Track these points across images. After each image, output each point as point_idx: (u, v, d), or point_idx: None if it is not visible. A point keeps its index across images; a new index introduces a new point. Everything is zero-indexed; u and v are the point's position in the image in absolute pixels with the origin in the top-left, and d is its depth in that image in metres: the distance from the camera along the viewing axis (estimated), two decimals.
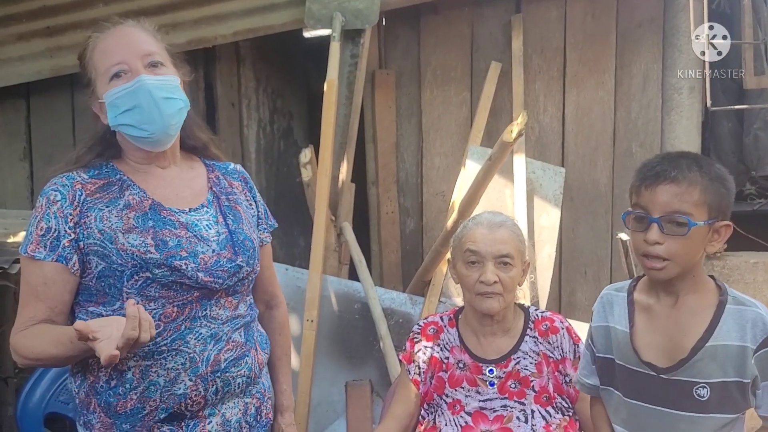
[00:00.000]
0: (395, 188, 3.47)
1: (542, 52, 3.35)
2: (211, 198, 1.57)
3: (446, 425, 1.72)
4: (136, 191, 1.49)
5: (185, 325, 1.46)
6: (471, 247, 1.75)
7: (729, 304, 1.40)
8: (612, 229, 3.38)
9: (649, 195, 1.37)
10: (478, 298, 1.73)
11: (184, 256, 1.45)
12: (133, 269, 1.42)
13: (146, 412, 1.44)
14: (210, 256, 1.48)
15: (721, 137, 3.54)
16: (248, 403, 1.57)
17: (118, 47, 1.46)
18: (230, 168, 1.68)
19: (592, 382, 1.57)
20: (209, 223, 1.53)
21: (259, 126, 3.69)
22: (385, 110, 3.40)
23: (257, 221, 1.67)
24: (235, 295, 1.54)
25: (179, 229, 1.48)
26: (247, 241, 1.56)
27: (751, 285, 3.13)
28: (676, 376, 1.40)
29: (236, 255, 1.51)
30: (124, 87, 1.44)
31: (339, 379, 2.86)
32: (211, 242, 1.50)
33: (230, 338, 1.51)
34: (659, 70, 3.31)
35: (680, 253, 1.35)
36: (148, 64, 1.46)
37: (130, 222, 1.45)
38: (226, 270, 1.49)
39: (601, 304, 1.54)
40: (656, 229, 1.35)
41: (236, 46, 3.49)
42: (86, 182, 1.48)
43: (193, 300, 1.47)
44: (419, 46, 3.41)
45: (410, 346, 1.84)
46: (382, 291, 2.95)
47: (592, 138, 3.37)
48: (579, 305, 3.43)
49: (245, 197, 1.65)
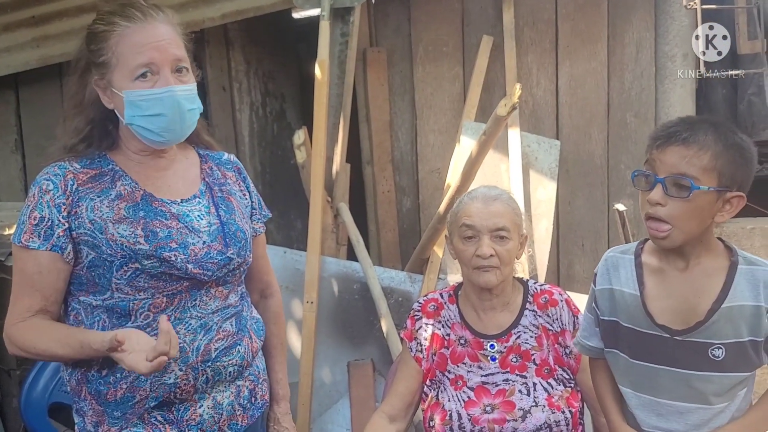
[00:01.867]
0: (390, 167, 3.45)
1: (534, 24, 3.32)
2: (203, 188, 1.56)
3: (449, 401, 1.73)
4: (127, 182, 1.49)
5: (175, 315, 1.46)
6: (466, 221, 1.75)
7: (741, 265, 1.40)
8: (608, 201, 3.38)
9: (658, 155, 1.36)
10: (476, 272, 1.73)
11: (174, 247, 1.44)
12: (123, 260, 1.42)
13: (136, 401, 1.46)
14: (200, 248, 1.48)
15: (716, 104, 3.53)
16: (240, 386, 1.58)
17: (151, 46, 1.41)
18: (224, 158, 1.66)
19: (594, 344, 1.57)
20: (201, 213, 1.52)
21: (252, 109, 3.67)
22: (377, 88, 3.38)
23: (251, 212, 1.66)
24: (225, 286, 1.54)
25: (170, 220, 1.47)
26: (239, 232, 1.55)
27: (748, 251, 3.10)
28: (691, 338, 1.41)
29: (227, 247, 1.51)
30: (152, 92, 1.41)
31: (341, 359, 2.88)
32: (202, 233, 1.49)
33: (221, 327, 1.52)
34: (652, 38, 3.28)
35: (682, 217, 1.34)
36: (176, 70, 1.44)
37: (121, 212, 1.44)
38: (216, 262, 1.49)
39: (605, 266, 1.53)
40: (659, 189, 1.34)
41: (225, 29, 3.46)
42: (78, 172, 1.47)
43: (182, 290, 1.47)
44: (410, 22, 3.38)
45: (411, 323, 1.84)
46: (380, 270, 2.95)
47: (587, 109, 3.36)
48: (577, 277, 3.44)
49: (239, 188, 1.64)
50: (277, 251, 2.98)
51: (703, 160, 1.32)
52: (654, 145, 1.38)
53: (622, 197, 3.30)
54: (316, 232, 2.85)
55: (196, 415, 1.50)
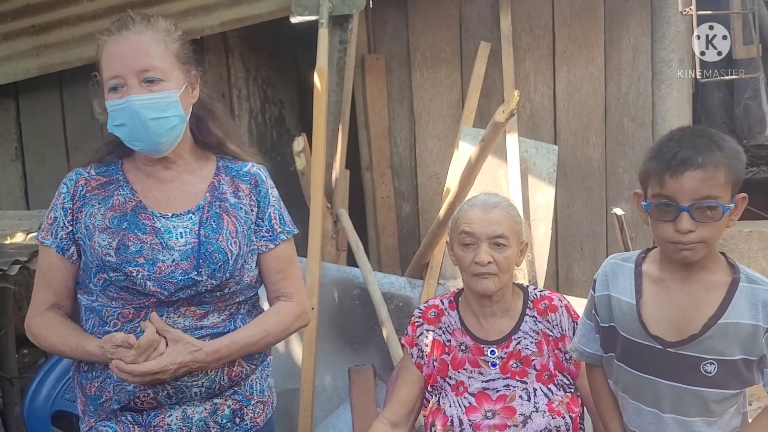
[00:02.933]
0: (389, 173, 3.47)
1: (531, 30, 3.35)
2: (203, 204, 1.55)
3: (450, 407, 1.74)
4: (125, 192, 1.53)
5: (141, 328, 1.48)
6: (465, 228, 1.76)
7: (742, 282, 1.39)
8: (606, 205, 3.40)
9: (675, 183, 1.32)
10: (474, 278, 1.75)
11: (141, 262, 1.46)
12: (96, 268, 1.49)
13: (103, 400, 1.52)
14: (168, 266, 1.47)
15: (712, 108, 3.55)
16: (218, 404, 1.56)
17: (118, 59, 1.46)
18: (243, 170, 1.62)
19: (593, 350, 1.58)
20: (184, 230, 1.51)
21: (251, 116, 3.68)
22: (376, 95, 3.40)
23: (254, 228, 1.59)
24: (201, 306, 1.51)
25: (148, 235, 1.49)
26: (217, 253, 1.50)
27: (745, 254, 3.16)
28: (683, 351, 1.41)
29: (197, 268, 1.47)
30: (116, 103, 1.46)
31: (342, 365, 2.89)
32: (175, 251, 1.48)
33: None
34: (648, 43, 3.31)
35: (713, 236, 1.35)
36: (144, 81, 1.45)
37: (107, 222, 1.50)
38: (175, 282, 1.47)
39: (605, 273, 1.54)
40: (687, 218, 1.32)
41: (224, 37, 3.47)
42: (91, 178, 1.55)
43: (149, 305, 1.48)
44: (408, 28, 3.40)
45: (412, 330, 1.86)
46: (380, 276, 2.96)
47: (584, 114, 3.38)
48: (576, 281, 3.46)
49: (248, 201, 1.59)
50: None
51: (721, 179, 1.32)
52: (667, 173, 1.33)
53: (620, 201, 3.32)
54: (317, 239, 2.86)
55: (164, 423, 1.52)
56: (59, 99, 3.48)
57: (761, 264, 3.14)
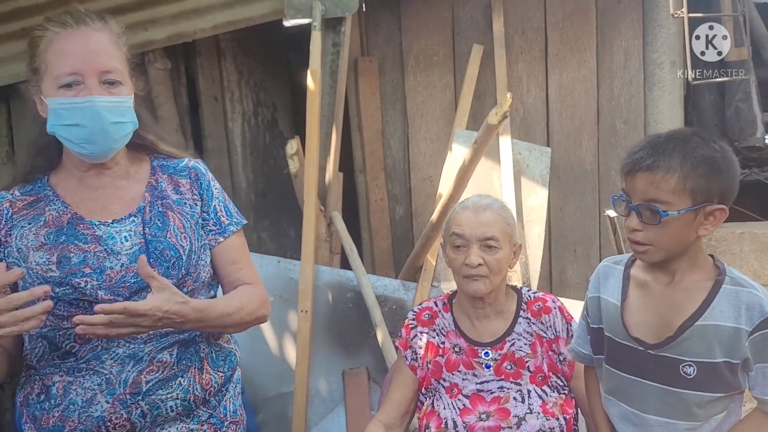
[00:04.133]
0: (383, 175, 3.47)
1: (523, 33, 3.36)
2: (143, 205, 1.49)
3: (444, 409, 1.74)
4: (56, 206, 1.45)
5: (101, 345, 1.41)
6: (456, 230, 1.76)
7: (726, 284, 1.38)
8: (599, 207, 3.41)
9: (630, 182, 1.37)
10: (465, 280, 1.75)
11: (87, 272, 1.39)
12: None
13: (66, 431, 1.41)
14: (117, 272, 1.41)
15: (704, 110, 3.57)
16: (194, 430, 1.49)
17: (77, 56, 1.37)
18: (181, 165, 1.58)
19: (587, 351, 1.59)
20: (129, 234, 1.45)
21: (244, 119, 3.67)
22: (369, 97, 3.40)
23: (203, 221, 1.54)
24: None
25: (90, 244, 1.42)
26: (168, 250, 1.45)
27: (737, 255, 3.17)
28: (663, 353, 1.41)
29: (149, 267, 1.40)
30: (72, 101, 1.37)
31: (336, 367, 2.88)
32: (122, 255, 1.43)
33: (154, 358, 1.43)
34: (640, 46, 3.32)
35: (659, 240, 1.35)
36: (105, 82, 1.39)
37: (41, 239, 1.42)
38: (128, 287, 1.41)
39: (597, 275, 1.56)
40: (634, 217, 1.35)
41: (217, 40, 3.46)
42: (16, 200, 1.47)
43: None
44: (401, 31, 3.40)
45: (406, 332, 1.85)
46: (374, 278, 2.96)
47: (576, 117, 3.39)
48: (570, 283, 3.46)
49: (191, 195, 1.54)
50: (271, 260, 2.98)
51: (671, 184, 1.31)
52: (624, 171, 1.38)
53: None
54: (310, 241, 2.86)
55: None
56: None
57: (753, 265, 3.15)
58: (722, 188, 1.35)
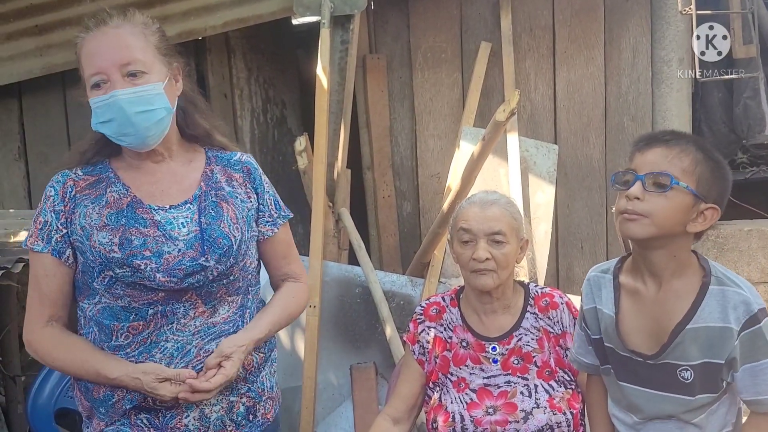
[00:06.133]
0: (390, 172, 3.49)
1: (531, 31, 3.36)
2: (198, 194, 1.54)
3: (452, 403, 1.76)
4: (118, 188, 1.51)
5: (151, 339, 1.46)
6: (463, 225, 1.78)
7: (712, 285, 1.39)
8: (606, 204, 3.42)
9: (640, 156, 1.38)
10: (472, 275, 1.76)
11: (147, 255, 1.44)
12: (100, 266, 1.45)
13: (115, 400, 1.48)
14: (175, 256, 1.46)
15: (712, 108, 3.56)
16: (233, 402, 1.55)
17: (98, 55, 1.44)
18: (234, 159, 1.64)
19: (590, 361, 1.60)
20: (185, 221, 1.50)
21: (253, 116, 3.70)
22: (377, 95, 3.41)
23: (257, 214, 1.62)
24: (209, 302, 1.51)
25: (149, 228, 1.47)
26: (222, 239, 1.50)
27: (745, 252, 3.17)
28: (660, 360, 1.41)
29: (203, 254, 1.47)
30: (101, 99, 1.44)
31: (343, 363, 2.90)
32: (179, 241, 1.47)
33: (202, 349, 1.49)
34: (648, 43, 3.33)
35: (656, 212, 1.34)
36: (127, 74, 1.43)
37: (104, 219, 1.47)
38: (184, 269, 1.45)
39: (589, 286, 1.56)
40: (639, 185, 1.35)
41: (226, 37, 3.49)
42: (79, 179, 1.52)
43: (158, 300, 1.46)
44: (409, 29, 3.41)
45: (414, 326, 1.87)
46: (382, 274, 2.98)
47: (584, 114, 3.40)
48: (576, 280, 3.47)
49: (244, 189, 1.60)
50: None
51: (684, 162, 1.34)
52: (636, 148, 1.40)
53: None
54: (319, 237, 2.88)
55: (181, 424, 1.49)
56: (62, 99, 3.50)
57: (761, 262, 3.16)
58: (720, 191, 1.38)
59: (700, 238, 1.43)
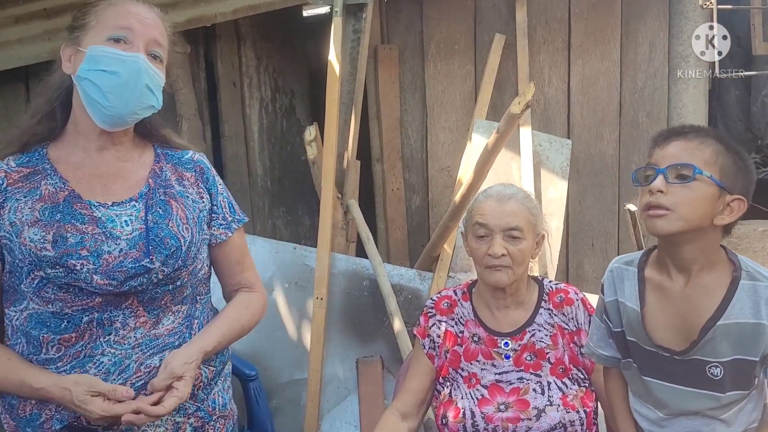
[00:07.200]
0: (400, 164, 3.44)
1: (546, 23, 3.31)
2: (145, 191, 1.45)
3: (462, 398, 1.72)
4: (54, 181, 1.39)
5: (86, 352, 1.35)
6: (479, 219, 1.74)
7: (743, 280, 1.35)
8: (619, 201, 3.37)
9: (660, 151, 1.36)
10: (487, 271, 1.72)
11: (84, 255, 1.33)
12: (30, 266, 1.34)
13: (43, 420, 1.37)
14: (115, 257, 1.35)
15: (729, 105, 3.51)
16: (180, 423, 1.44)
17: (137, 18, 1.40)
18: (185, 157, 1.55)
19: (610, 354, 1.55)
20: (129, 218, 1.40)
21: (261, 105, 3.66)
22: (388, 86, 3.37)
23: (209, 216, 1.52)
24: (151, 310, 1.40)
25: (87, 225, 1.36)
26: (169, 239, 1.40)
27: (760, 253, 3.12)
28: (689, 357, 1.38)
29: (147, 255, 1.36)
30: (118, 52, 1.37)
31: (350, 356, 2.87)
32: (121, 240, 1.37)
33: (142, 364, 1.38)
34: (665, 38, 3.27)
35: (681, 204, 1.31)
36: (151, 53, 1.41)
37: (36, 214, 1.35)
38: (125, 270, 1.35)
39: (611, 278, 1.51)
40: (661, 178, 1.33)
41: (236, 25, 3.45)
42: (12, 171, 1.41)
43: (94, 307, 1.35)
44: (422, 19, 3.36)
45: (424, 320, 1.83)
46: (390, 267, 2.94)
47: (598, 109, 3.35)
48: (587, 277, 3.43)
49: (196, 189, 1.52)
50: (287, 247, 2.97)
51: (705, 153, 1.32)
52: (656, 143, 1.38)
53: (633, 197, 3.27)
54: (327, 229, 2.84)
55: None
56: None
57: None
58: (745, 182, 1.35)
59: (730, 233, 1.39)
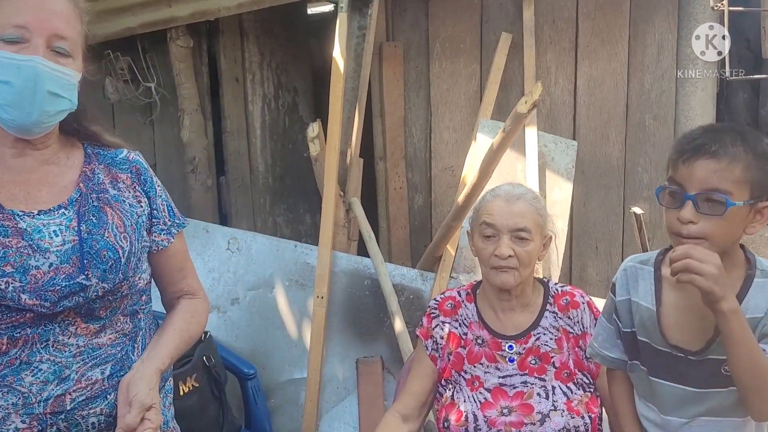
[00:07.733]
0: (403, 163, 3.41)
1: (554, 23, 3.28)
2: (76, 197, 1.31)
3: (465, 401, 1.69)
4: None
5: (20, 358, 1.23)
6: (487, 219, 1.70)
7: (757, 278, 1.33)
8: (624, 203, 3.34)
9: (686, 170, 1.28)
10: (493, 271, 1.69)
11: (8, 272, 1.20)
12: None
13: None
14: (45, 272, 1.22)
15: (737, 108, 3.48)
16: None
17: (31, 10, 1.21)
18: (119, 157, 1.41)
19: (616, 355, 1.52)
20: (59, 228, 1.26)
21: (264, 101, 3.63)
22: (392, 83, 3.33)
23: (149, 222, 1.40)
24: (93, 320, 1.28)
25: (11, 238, 1.22)
26: (106, 251, 1.27)
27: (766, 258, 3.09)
28: (705, 356, 1.35)
29: (82, 270, 1.24)
30: (11, 56, 1.19)
31: (350, 355, 2.84)
32: (51, 254, 1.24)
33: (83, 376, 1.27)
34: (674, 40, 3.23)
35: (716, 234, 1.26)
36: (53, 48, 1.23)
37: None
38: (58, 290, 1.22)
39: (625, 276, 1.48)
40: (691, 207, 1.26)
41: (240, 20, 3.42)
42: None
43: (25, 322, 1.22)
44: (427, 17, 3.33)
45: (427, 321, 1.80)
46: (392, 267, 2.91)
47: (605, 110, 3.31)
48: (590, 280, 3.39)
49: (133, 193, 1.39)
50: (288, 245, 2.94)
51: (735, 173, 1.25)
52: (680, 159, 1.29)
53: (639, 200, 3.25)
54: (328, 226, 2.81)
55: None
56: None
57: None
58: None
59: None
